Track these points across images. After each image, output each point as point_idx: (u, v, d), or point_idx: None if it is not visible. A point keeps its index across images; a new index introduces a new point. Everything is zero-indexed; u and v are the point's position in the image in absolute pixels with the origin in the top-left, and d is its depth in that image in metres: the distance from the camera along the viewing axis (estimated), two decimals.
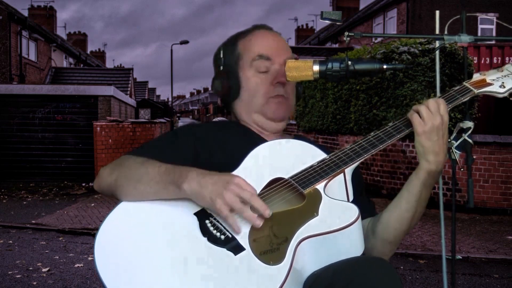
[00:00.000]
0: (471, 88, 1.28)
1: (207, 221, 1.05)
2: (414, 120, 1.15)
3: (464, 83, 1.31)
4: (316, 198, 1.10)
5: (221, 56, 1.41)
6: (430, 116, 1.14)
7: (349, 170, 1.18)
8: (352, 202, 1.12)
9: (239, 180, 1.04)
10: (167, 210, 1.09)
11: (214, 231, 1.03)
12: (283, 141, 1.27)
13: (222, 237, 1.01)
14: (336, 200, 1.11)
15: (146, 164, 1.15)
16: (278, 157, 1.20)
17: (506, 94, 1.28)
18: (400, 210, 1.20)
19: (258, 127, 1.39)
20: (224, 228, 1.04)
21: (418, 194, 1.18)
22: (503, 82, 1.28)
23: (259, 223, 1.01)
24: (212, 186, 1.03)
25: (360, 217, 1.05)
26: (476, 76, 1.32)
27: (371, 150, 1.19)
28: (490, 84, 1.29)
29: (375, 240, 1.24)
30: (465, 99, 1.26)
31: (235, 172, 1.14)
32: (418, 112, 1.16)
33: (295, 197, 1.11)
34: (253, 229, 1.04)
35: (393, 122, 1.24)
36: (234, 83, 1.36)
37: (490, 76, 1.31)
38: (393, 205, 1.22)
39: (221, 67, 1.40)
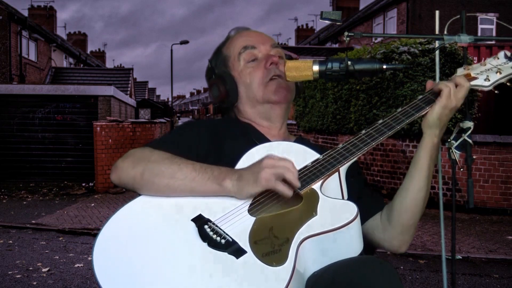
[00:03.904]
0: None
1: (205, 226, 1.05)
2: (445, 92, 1.19)
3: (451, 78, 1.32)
4: (314, 198, 1.10)
5: (211, 67, 1.47)
6: (456, 96, 1.21)
7: (343, 169, 1.18)
8: (358, 199, 1.13)
9: (270, 155, 1.11)
10: (164, 217, 1.09)
11: (214, 236, 1.02)
12: (276, 143, 1.28)
13: (223, 241, 1.01)
14: (334, 199, 1.12)
15: (176, 161, 1.16)
16: None
17: (491, 87, 1.31)
18: (414, 191, 1.23)
19: (264, 120, 1.40)
20: (224, 232, 1.04)
21: (427, 169, 1.23)
22: (487, 76, 1.30)
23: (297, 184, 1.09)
24: (250, 170, 1.10)
25: (359, 215, 1.06)
26: (460, 71, 1.34)
27: (364, 147, 1.19)
28: (475, 78, 1.31)
29: (393, 229, 1.25)
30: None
31: None
32: (447, 88, 1.21)
33: (292, 198, 1.11)
34: (253, 232, 1.04)
35: (383, 119, 1.25)
36: (230, 84, 1.39)
37: (474, 70, 1.33)
38: (404, 190, 1.25)
39: (214, 76, 1.44)
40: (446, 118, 1.22)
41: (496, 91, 1.33)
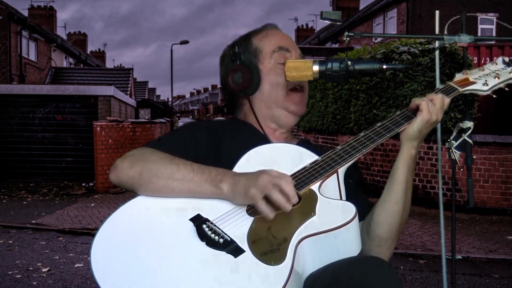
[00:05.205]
0: (456, 87, 1.31)
1: (204, 226, 1.05)
2: (424, 107, 1.19)
3: (449, 82, 1.33)
4: (312, 198, 1.11)
5: (237, 51, 1.40)
6: (434, 110, 1.20)
7: (341, 170, 1.18)
8: (349, 201, 1.13)
9: (271, 171, 1.08)
10: (162, 217, 1.10)
11: (212, 235, 1.03)
12: (276, 144, 1.29)
13: (221, 240, 1.01)
14: (333, 199, 1.12)
15: (175, 161, 1.16)
16: (271, 160, 1.21)
17: (489, 92, 1.32)
18: (390, 203, 1.22)
19: (273, 123, 1.40)
20: (222, 231, 1.04)
21: (405, 181, 1.22)
22: (486, 80, 1.32)
23: (287, 207, 1.03)
24: (246, 180, 1.08)
25: (357, 215, 1.06)
26: (459, 76, 1.36)
27: (363, 150, 1.20)
28: (473, 83, 1.32)
29: (370, 241, 1.25)
30: (450, 97, 1.28)
31: None
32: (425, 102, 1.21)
33: None
34: (251, 231, 1.04)
35: (381, 122, 1.26)
36: (256, 76, 1.37)
37: (473, 75, 1.35)
38: (382, 201, 1.24)
39: (238, 62, 1.39)
40: (426, 131, 1.22)
41: (494, 96, 1.34)
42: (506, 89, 1.34)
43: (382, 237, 1.23)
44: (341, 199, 1.18)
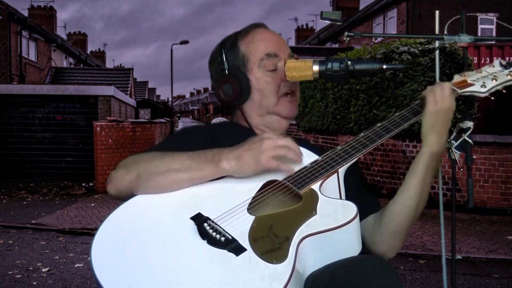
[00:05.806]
0: (455, 88, 1.32)
1: (205, 224, 1.05)
2: (430, 98, 1.22)
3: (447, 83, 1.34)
4: (313, 197, 1.11)
5: (224, 59, 1.39)
6: (442, 98, 1.22)
7: (342, 170, 1.19)
8: (354, 200, 1.13)
9: (266, 135, 1.14)
10: (163, 216, 1.09)
11: (213, 234, 1.02)
12: None
13: (222, 239, 1.01)
14: (334, 198, 1.12)
15: (169, 154, 1.16)
16: None
17: (487, 94, 1.33)
18: (405, 199, 1.23)
19: (267, 128, 1.40)
20: (223, 230, 1.04)
21: (422, 179, 1.22)
22: (484, 82, 1.33)
23: (300, 158, 1.16)
24: (249, 151, 1.12)
25: (358, 215, 1.07)
26: (457, 77, 1.36)
27: (362, 150, 1.21)
28: (471, 85, 1.33)
29: (382, 235, 1.26)
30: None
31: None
32: (431, 93, 1.24)
33: (291, 198, 1.12)
34: (252, 230, 1.04)
35: (381, 123, 1.27)
36: (246, 87, 1.36)
37: (470, 77, 1.36)
38: (398, 195, 1.25)
39: (226, 71, 1.38)
40: (440, 123, 1.22)
41: (492, 98, 1.35)
42: (504, 91, 1.35)
43: (395, 230, 1.25)
44: (340, 198, 1.19)
